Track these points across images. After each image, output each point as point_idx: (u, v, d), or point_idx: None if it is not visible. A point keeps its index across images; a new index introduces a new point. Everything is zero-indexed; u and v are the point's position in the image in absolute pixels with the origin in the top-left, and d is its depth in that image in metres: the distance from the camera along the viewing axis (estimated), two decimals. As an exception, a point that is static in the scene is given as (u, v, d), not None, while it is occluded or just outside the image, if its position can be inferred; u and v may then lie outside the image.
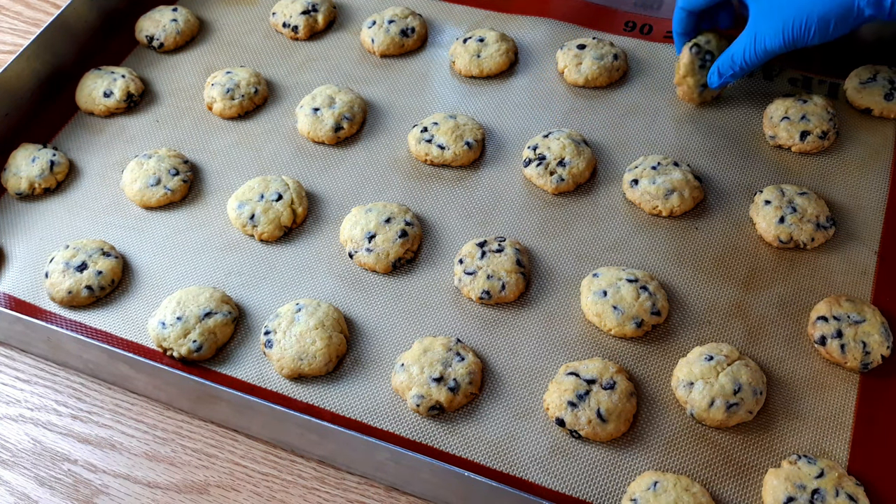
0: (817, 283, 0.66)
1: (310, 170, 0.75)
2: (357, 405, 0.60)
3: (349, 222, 0.69)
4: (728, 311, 0.64)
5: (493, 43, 0.82)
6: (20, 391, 0.64)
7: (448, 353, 0.61)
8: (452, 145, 0.73)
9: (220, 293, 0.65)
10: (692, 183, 0.70)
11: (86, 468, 0.60)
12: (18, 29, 0.93)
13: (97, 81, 0.80)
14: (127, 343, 0.64)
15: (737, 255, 0.68)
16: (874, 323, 0.61)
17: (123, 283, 0.68)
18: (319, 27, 0.87)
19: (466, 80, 0.82)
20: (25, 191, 0.74)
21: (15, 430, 0.62)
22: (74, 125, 0.80)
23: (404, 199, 0.72)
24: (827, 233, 0.67)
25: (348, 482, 0.59)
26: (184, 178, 0.73)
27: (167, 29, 0.85)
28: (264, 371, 0.62)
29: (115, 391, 0.64)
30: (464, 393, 0.59)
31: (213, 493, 0.59)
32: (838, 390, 0.60)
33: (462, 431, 0.59)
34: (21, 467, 0.60)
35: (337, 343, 0.62)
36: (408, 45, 0.84)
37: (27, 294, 0.68)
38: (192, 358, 0.62)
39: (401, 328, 0.64)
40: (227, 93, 0.79)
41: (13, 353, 0.67)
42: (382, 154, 0.76)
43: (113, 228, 0.72)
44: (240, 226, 0.70)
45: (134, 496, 0.59)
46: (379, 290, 0.67)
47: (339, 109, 0.77)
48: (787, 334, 0.63)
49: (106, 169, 0.76)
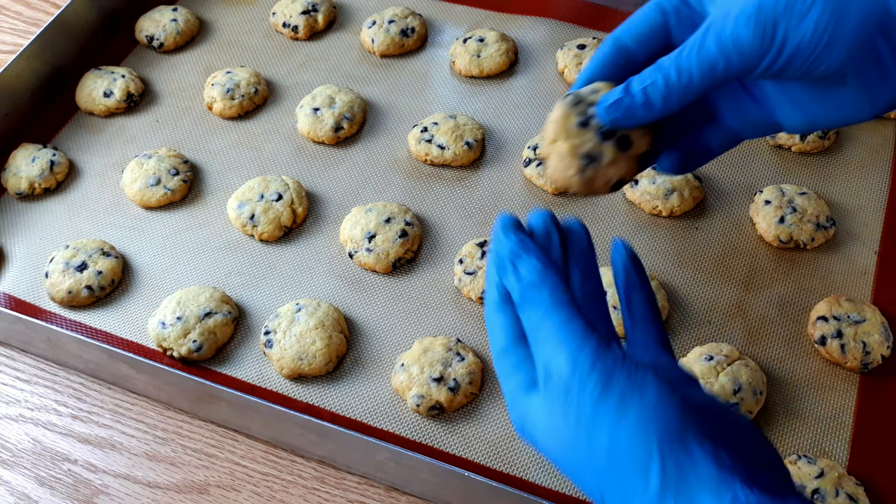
0: (817, 283, 0.66)
1: (310, 170, 0.75)
2: (357, 405, 0.60)
3: (349, 222, 0.69)
4: (728, 311, 0.64)
5: (493, 43, 0.82)
6: (20, 391, 0.64)
7: (448, 353, 0.61)
8: (452, 145, 0.73)
9: (220, 293, 0.65)
10: (692, 183, 0.70)
11: (86, 468, 0.60)
12: (18, 29, 0.93)
13: (97, 81, 0.80)
14: (127, 343, 0.64)
15: (737, 255, 0.68)
16: (874, 323, 0.61)
17: (123, 283, 0.68)
18: (319, 27, 0.87)
19: (466, 80, 0.82)
20: (25, 191, 0.74)
21: (15, 429, 0.62)
22: (74, 125, 0.80)
23: (404, 199, 0.72)
24: (827, 233, 0.67)
25: (348, 482, 0.59)
26: (184, 178, 0.73)
27: (167, 29, 0.85)
28: (264, 371, 0.62)
29: (115, 391, 0.64)
30: (464, 393, 0.59)
31: (213, 493, 0.59)
32: (838, 390, 0.60)
33: (462, 431, 0.59)
34: (21, 467, 0.60)
35: (337, 343, 0.62)
36: (408, 45, 0.84)
37: (27, 294, 0.68)
38: (192, 358, 0.62)
39: (401, 328, 0.64)
40: (227, 93, 0.79)
41: (13, 353, 0.67)
42: (382, 154, 0.76)
43: (113, 228, 0.72)
44: (240, 226, 0.70)
45: (134, 496, 0.59)
46: (379, 290, 0.67)
47: (339, 109, 0.77)
48: (787, 334, 0.63)
49: (106, 169, 0.76)
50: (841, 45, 0.36)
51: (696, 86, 0.38)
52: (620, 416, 0.34)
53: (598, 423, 0.34)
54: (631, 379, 0.34)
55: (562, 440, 0.36)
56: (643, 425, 0.33)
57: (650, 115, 0.39)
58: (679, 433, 0.33)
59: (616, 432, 0.34)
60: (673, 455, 0.33)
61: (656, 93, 0.38)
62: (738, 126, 0.43)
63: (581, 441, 0.35)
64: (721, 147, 0.44)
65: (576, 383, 0.35)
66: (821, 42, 0.36)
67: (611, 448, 0.34)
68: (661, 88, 0.38)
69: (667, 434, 0.33)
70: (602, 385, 0.34)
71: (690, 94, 0.38)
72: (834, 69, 0.37)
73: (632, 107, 0.39)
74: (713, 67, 0.37)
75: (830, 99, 0.39)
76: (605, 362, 0.35)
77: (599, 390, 0.34)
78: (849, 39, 0.36)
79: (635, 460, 0.33)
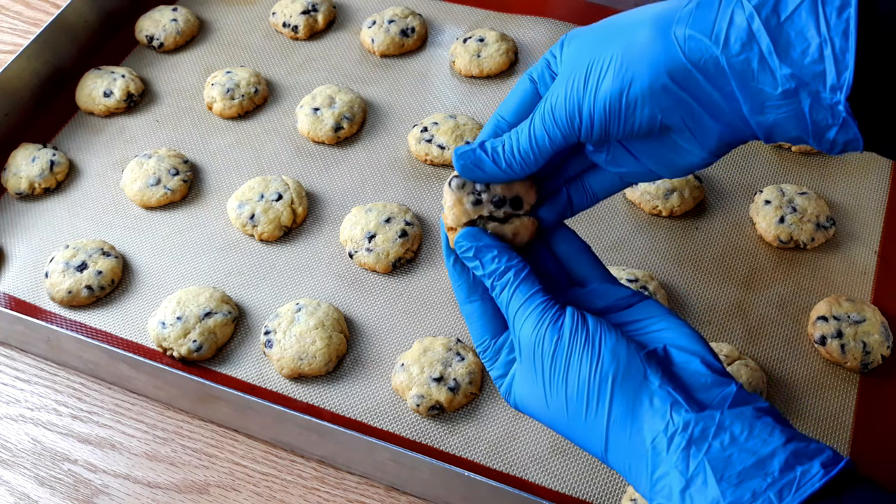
0: (817, 283, 0.66)
1: (310, 170, 0.75)
2: (357, 405, 0.60)
3: (349, 222, 0.69)
4: (728, 311, 0.64)
5: (493, 43, 0.82)
6: (20, 391, 0.64)
7: (448, 353, 0.61)
8: (452, 145, 0.73)
9: (220, 293, 0.65)
10: (692, 183, 0.70)
11: (86, 468, 0.60)
12: (18, 29, 0.93)
13: (97, 81, 0.80)
14: (127, 343, 0.64)
15: (737, 254, 0.68)
16: (874, 323, 0.61)
17: (123, 282, 0.68)
18: (319, 27, 0.87)
19: (466, 79, 0.82)
20: (25, 191, 0.74)
21: (15, 429, 0.62)
22: (74, 125, 0.80)
23: (404, 199, 0.72)
24: (827, 233, 0.67)
25: (348, 482, 0.59)
26: (184, 178, 0.73)
27: (167, 29, 0.85)
28: (264, 371, 0.62)
29: (115, 391, 0.64)
30: (464, 393, 0.59)
31: (213, 493, 0.59)
32: (838, 390, 0.60)
33: (462, 431, 0.59)
34: (21, 467, 0.60)
35: (337, 343, 0.62)
36: (408, 45, 0.84)
37: (27, 294, 0.68)
38: (192, 358, 0.62)
39: (401, 328, 0.64)
40: (227, 93, 0.79)
41: (13, 353, 0.67)
42: (382, 154, 0.76)
43: (113, 228, 0.72)
44: (240, 226, 0.70)
45: (134, 496, 0.59)
46: (379, 290, 0.67)
47: (339, 109, 0.77)
48: (787, 334, 0.63)
49: (106, 169, 0.76)
50: (641, 103, 0.39)
51: (538, 153, 0.42)
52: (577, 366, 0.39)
53: (569, 372, 0.39)
54: (578, 335, 0.39)
55: (541, 403, 0.41)
56: (596, 371, 0.39)
57: (496, 171, 0.43)
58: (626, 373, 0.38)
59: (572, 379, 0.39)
60: (623, 392, 0.38)
61: (502, 151, 0.43)
62: (620, 173, 0.45)
63: (555, 397, 0.40)
64: (606, 192, 0.47)
65: (538, 348, 0.40)
66: (622, 107, 0.39)
67: (573, 395, 0.39)
68: (508, 149, 0.43)
69: (618, 375, 0.38)
70: (557, 344, 0.39)
71: (535, 159, 0.42)
72: (647, 126, 0.40)
73: (480, 159, 0.43)
74: (544, 139, 0.41)
75: (674, 148, 0.42)
76: (557, 325, 0.40)
77: (554, 348, 0.40)
78: (647, 97, 0.39)
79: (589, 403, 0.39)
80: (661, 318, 0.42)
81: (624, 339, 0.39)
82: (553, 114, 0.41)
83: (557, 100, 0.41)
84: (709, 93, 0.39)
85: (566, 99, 0.41)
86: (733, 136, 0.41)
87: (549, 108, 0.41)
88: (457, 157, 0.43)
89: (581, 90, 0.40)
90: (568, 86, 0.41)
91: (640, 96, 0.39)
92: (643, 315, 0.42)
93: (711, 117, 0.40)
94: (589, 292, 0.44)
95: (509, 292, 0.41)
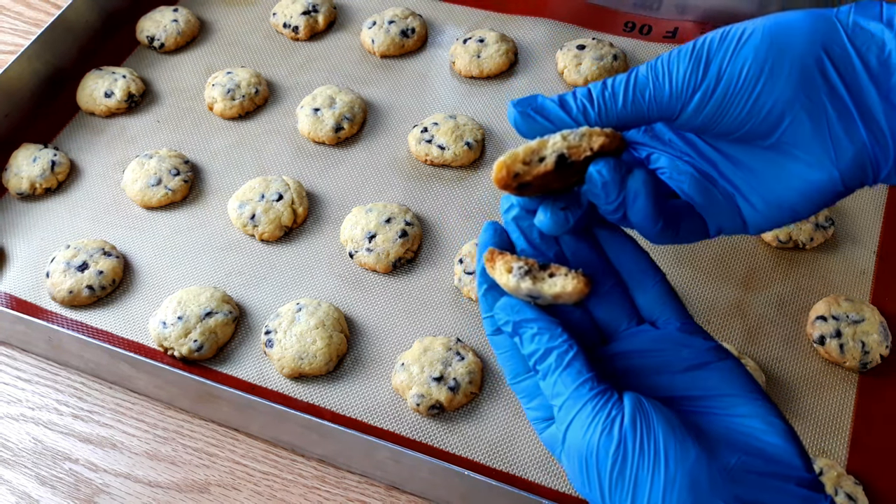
0: (816, 283, 0.66)
1: (310, 170, 0.75)
2: (357, 404, 0.61)
3: (349, 222, 0.69)
4: (727, 311, 0.65)
5: (493, 43, 0.82)
6: (21, 391, 0.64)
7: (448, 353, 0.61)
8: (452, 145, 0.74)
9: (221, 293, 0.65)
10: (691, 183, 0.70)
11: (87, 467, 0.60)
12: (19, 29, 0.93)
13: (98, 81, 0.81)
14: (128, 342, 0.64)
15: (736, 254, 0.68)
16: (873, 322, 0.61)
17: (124, 282, 0.68)
18: (320, 28, 0.87)
19: (466, 80, 0.82)
20: (26, 191, 0.74)
21: (16, 429, 0.62)
22: (75, 125, 0.80)
23: (404, 199, 0.73)
24: (826, 232, 0.67)
25: (348, 481, 0.59)
26: (184, 179, 0.73)
27: (168, 29, 0.85)
28: (265, 370, 0.63)
29: (116, 390, 0.64)
30: (464, 392, 0.59)
31: (213, 492, 0.59)
32: (837, 390, 0.60)
33: (462, 431, 0.59)
34: (22, 466, 0.60)
35: (337, 343, 0.62)
36: (408, 46, 0.85)
37: (28, 294, 0.68)
38: (192, 357, 0.62)
39: (401, 328, 0.65)
40: (228, 93, 0.79)
41: (14, 353, 0.67)
42: (382, 154, 0.76)
43: (114, 228, 0.72)
44: (240, 226, 0.70)
45: (135, 495, 0.59)
46: (379, 289, 0.67)
47: (339, 110, 0.77)
48: (786, 334, 0.63)
49: (107, 169, 0.76)
50: (784, 78, 0.32)
51: (619, 107, 0.34)
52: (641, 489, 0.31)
53: (637, 492, 0.32)
54: (644, 451, 0.31)
55: (596, 500, 0.33)
56: (670, 498, 0.31)
57: (564, 117, 0.35)
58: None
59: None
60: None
61: (573, 99, 0.35)
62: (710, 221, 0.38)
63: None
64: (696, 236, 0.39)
65: (592, 457, 0.32)
66: (761, 74, 0.32)
67: None
68: (581, 95, 0.35)
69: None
70: (615, 457, 0.32)
71: (612, 114, 0.34)
72: (779, 110, 0.32)
73: (542, 105, 0.36)
74: (641, 90, 0.34)
75: (785, 163, 0.34)
76: (614, 431, 0.32)
77: (612, 462, 0.32)
78: (795, 72, 0.32)
79: None
80: (742, 399, 0.33)
81: (704, 455, 0.31)
82: (670, 59, 0.33)
83: (682, 48, 0.33)
84: (867, 89, 0.31)
85: (693, 46, 0.33)
86: (874, 158, 0.32)
87: (667, 56, 0.34)
88: (513, 104, 0.36)
89: (716, 43, 0.33)
90: (700, 40, 0.33)
91: (787, 68, 0.32)
92: (717, 389, 0.34)
93: (861, 118, 0.32)
94: (643, 336, 0.36)
95: (552, 381, 0.34)
